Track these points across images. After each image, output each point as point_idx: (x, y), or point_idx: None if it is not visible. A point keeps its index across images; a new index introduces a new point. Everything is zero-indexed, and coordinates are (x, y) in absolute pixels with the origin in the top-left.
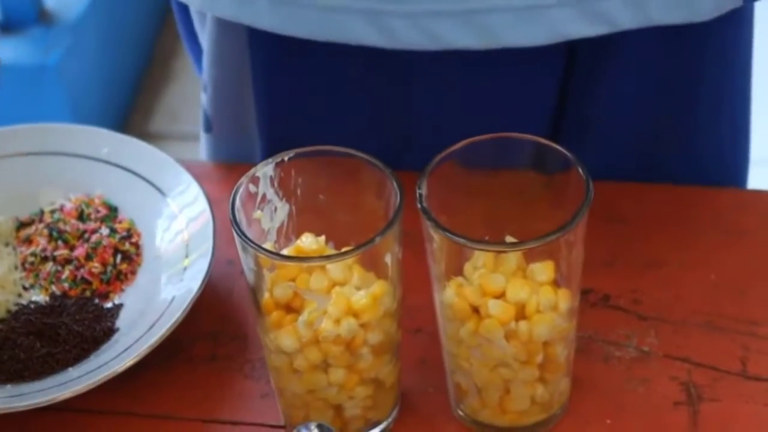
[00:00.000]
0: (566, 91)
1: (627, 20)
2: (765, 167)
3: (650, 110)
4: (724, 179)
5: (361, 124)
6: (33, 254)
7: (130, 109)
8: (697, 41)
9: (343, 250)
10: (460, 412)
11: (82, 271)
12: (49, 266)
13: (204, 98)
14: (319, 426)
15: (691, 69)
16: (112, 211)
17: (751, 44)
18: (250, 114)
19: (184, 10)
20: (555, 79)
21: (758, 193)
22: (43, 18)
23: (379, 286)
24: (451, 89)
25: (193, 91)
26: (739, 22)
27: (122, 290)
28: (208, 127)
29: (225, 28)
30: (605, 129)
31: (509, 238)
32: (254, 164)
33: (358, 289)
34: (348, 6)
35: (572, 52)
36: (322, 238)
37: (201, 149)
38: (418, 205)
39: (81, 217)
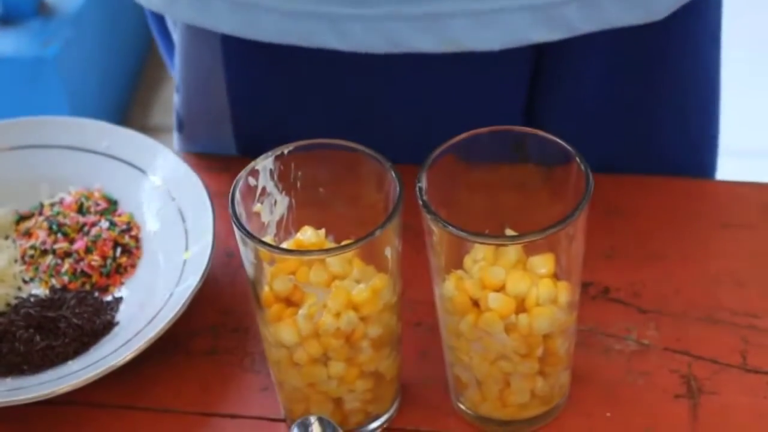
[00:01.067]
0: (534, 87)
1: (585, 24)
2: (738, 158)
3: (618, 100)
4: (691, 169)
5: (332, 122)
6: (33, 247)
7: (129, 102)
8: (659, 33)
9: (343, 243)
10: (461, 405)
11: (81, 264)
12: (49, 259)
13: (176, 99)
14: (320, 419)
15: (654, 59)
16: (112, 204)
17: (718, 33)
18: (223, 114)
19: None
20: (524, 77)
21: (758, 186)
22: (42, 11)
23: (379, 280)
24: (418, 89)
25: None
26: (701, 12)
27: (122, 283)
28: (180, 127)
29: (196, 29)
30: (573, 122)
31: (509, 231)
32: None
33: (358, 282)
34: (308, 11)
35: (538, 49)
36: (322, 231)
37: (174, 146)
38: (418, 199)
39: (81, 210)
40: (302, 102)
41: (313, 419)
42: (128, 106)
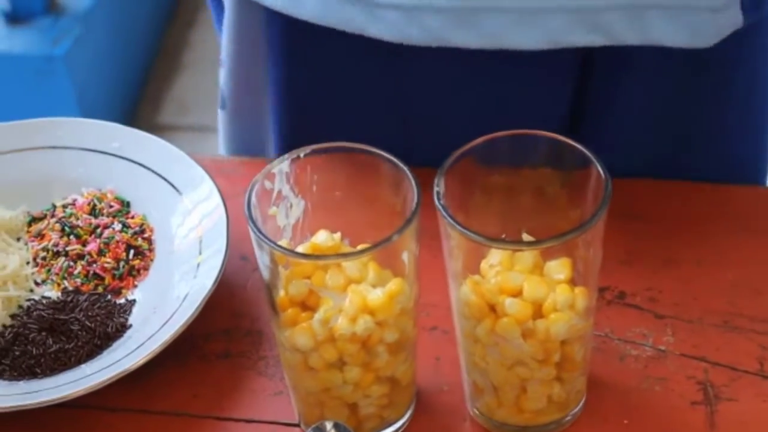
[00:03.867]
0: (584, 94)
1: (627, 35)
2: None
3: (671, 112)
4: (745, 180)
5: (369, 115)
6: (45, 249)
7: (139, 100)
8: (713, 55)
9: (360, 247)
10: (476, 411)
11: (94, 266)
12: (62, 261)
13: (222, 74)
14: (336, 425)
15: (715, 72)
16: (125, 206)
17: None
18: (265, 93)
19: None
20: (570, 81)
21: None
22: (51, 9)
23: (395, 284)
24: (460, 87)
25: (202, 82)
26: (759, 32)
27: (135, 286)
28: (224, 104)
29: (243, 5)
30: (624, 131)
31: (526, 236)
32: (267, 156)
33: (374, 286)
34: None
35: (590, 55)
36: (338, 235)
37: (218, 126)
38: (436, 203)
39: (93, 212)
40: (340, 91)
41: (328, 425)
42: (138, 104)
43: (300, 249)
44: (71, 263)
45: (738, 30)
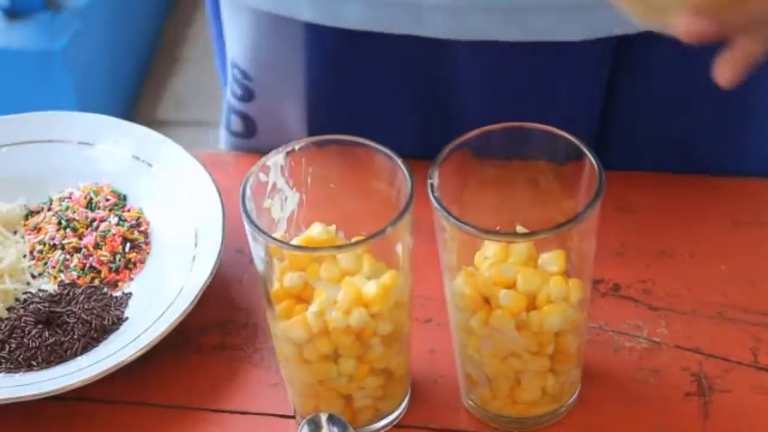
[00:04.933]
0: (613, 85)
1: None
2: None
3: (702, 103)
4: None
5: (407, 113)
6: (41, 242)
7: (137, 95)
8: None
9: (354, 239)
10: (471, 402)
11: (90, 259)
12: (58, 254)
13: (243, 105)
14: (330, 417)
15: None
16: (121, 199)
17: None
18: (295, 114)
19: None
20: (602, 71)
21: None
22: (50, 4)
23: (389, 276)
24: (494, 79)
25: (200, 78)
26: None
27: (131, 279)
28: (252, 132)
29: (277, 26)
30: (653, 123)
31: (520, 228)
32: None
33: (369, 278)
34: (392, 0)
35: (619, 45)
36: (333, 227)
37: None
38: (430, 195)
39: (90, 205)
40: (377, 96)
41: (323, 416)
42: (136, 100)
43: (295, 241)
44: (68, 256)
45: None
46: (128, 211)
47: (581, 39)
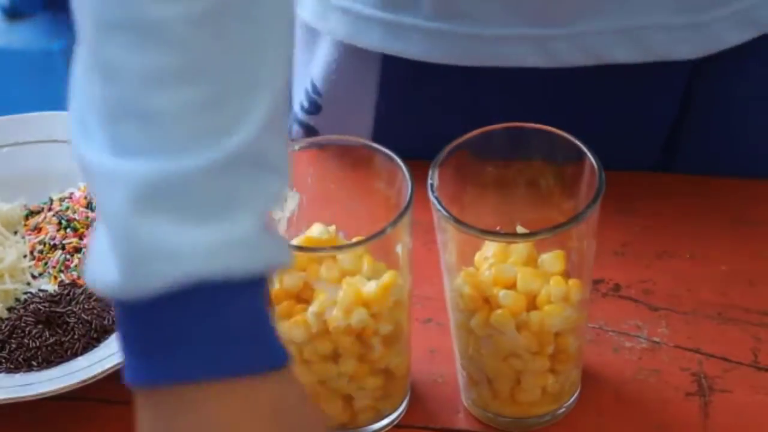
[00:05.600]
0: (687, 107)
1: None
2: None
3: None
4: None
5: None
6: (42, 242)
7: None
8: None
9: (354, 240)
10: (471, 403)
11: None
12: (58, 255)
13: (308, 117)
14: None
15: None
16: None
17: None
18: (360, 129)
19: None
20: (675, 94)
21: None
22: (50, 4)
23: (389, 276)
24: (567, 102)
25: None
26: None
27: None
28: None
29: (355, 48)
30: (731, 134)
31: (520, 229)
32: None
33: (369, 279)
34: (514, 34)
35: (694, 69)
36: (333, 227)
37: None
38: (430, 195)
39: (90, 205)
40: (447, 112)
41: None
42: None
43: (295, 242)
44: (68, 256)
45: None
46: None
47: (694, 56)
